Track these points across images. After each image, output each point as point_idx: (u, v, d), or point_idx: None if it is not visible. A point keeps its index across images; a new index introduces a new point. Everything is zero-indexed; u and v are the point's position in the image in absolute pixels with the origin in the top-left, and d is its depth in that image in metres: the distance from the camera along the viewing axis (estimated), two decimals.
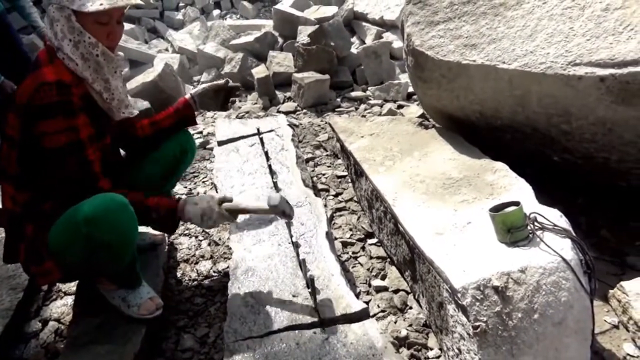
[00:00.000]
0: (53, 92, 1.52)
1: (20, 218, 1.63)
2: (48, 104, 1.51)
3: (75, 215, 1.53)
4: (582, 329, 1.47)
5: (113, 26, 1.65)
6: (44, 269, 1.64)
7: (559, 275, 1.46)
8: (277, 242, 2.11)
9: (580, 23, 1.93)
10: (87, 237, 1.54)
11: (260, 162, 2.79)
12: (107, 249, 1.60)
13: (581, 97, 1.89)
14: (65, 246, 1.60)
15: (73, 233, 1.55)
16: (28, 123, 1.54)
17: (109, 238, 1.57)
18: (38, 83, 1.52)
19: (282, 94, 4.31)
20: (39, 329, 2.03)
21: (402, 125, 2.80)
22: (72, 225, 1.54)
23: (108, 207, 1.54)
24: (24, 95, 1.53)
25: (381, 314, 1.95)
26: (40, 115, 1.52)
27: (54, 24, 1.58)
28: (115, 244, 1.60)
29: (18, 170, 1.62)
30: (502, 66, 2.06)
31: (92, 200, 1.54)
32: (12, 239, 1.67)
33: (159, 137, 2.05)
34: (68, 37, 1.58)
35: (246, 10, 6.63)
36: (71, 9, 1.55)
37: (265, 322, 1.71)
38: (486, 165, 2.13)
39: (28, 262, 1.65)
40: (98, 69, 1.65)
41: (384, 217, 2.18)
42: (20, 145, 1.59)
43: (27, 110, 1.53)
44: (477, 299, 1.44)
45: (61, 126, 1.54)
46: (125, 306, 1.81)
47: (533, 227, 1.60)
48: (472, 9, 2.30)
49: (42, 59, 1.60)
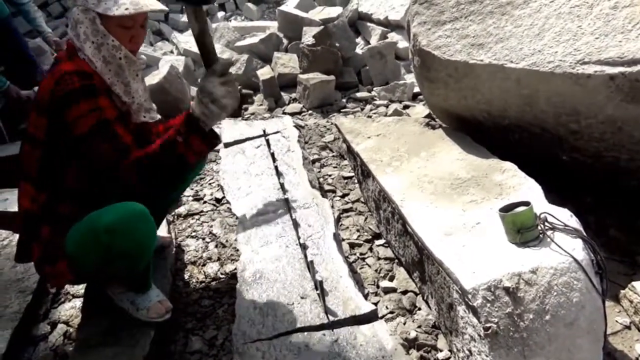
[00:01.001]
0: (74, 79, 1.52)
1: (37, 218, 1.64)
2: (70, 91, 1.51)
3: (95, 223, 1.53)
4: (595, 330, 1.46)
5: (136, 30, 1.65)
6: (57, 271, 1.64)
7: (571, 276, 1.44)
8: (285, 244, 2.11)
9: (588, 21, 1.92)
10: (106, 246, 1.54)
11: (267, 163, 2.79)
12: (125, 257, 1.61)
13: (590, 95, 1.87)
14: (83, 252, 1.60)
15: (92, 240, 1.55)
16: (55, 116, 1.54)
17: (128, 247, 1.58)
18: (58, 76, 1.53)
19: (288, 95, 4.31)
20: (48, 332, 2.03)
21: (408, 125, 2.79)
22: (92, 233, 1.54)
23: (129, 216, 1.54)
24: (46, 91, 1.54)
25: (390, 315, 1.94)
26: (65, 103, 1.51)
27: (77, 26, 1.59)
28: (134, 253, 1.62)
29: (39, 170, 1.62)
30: (509, 65, 2.05)
31: (113, 209, 1.54)
32: (26, 239, 1.67)
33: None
34: (91, 40, 1.59)
35: (251, 11, 6.63)
36: (96, 11, 1.56)
37: (274, 324, 1.71)
38: (494, 165, 2.12)
39: (42, 262, 1.65)
40: (119, 72, 1.65)
41: (391, 218, 2.17)
42: (45, 143, 1.59)
43: (52, 104, 1.53)
44: (488, 300, 1.42)
45: (86, 108, 1.52)
46: (134, 309, 1.81)
47: (543, 227, 1.59)
48: (479, 8, 2.29)
49: (60, 57, 1.62)
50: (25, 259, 1.70)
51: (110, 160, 1.52)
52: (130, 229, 1.55)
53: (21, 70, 3.70)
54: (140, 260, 1.69)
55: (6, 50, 3.68)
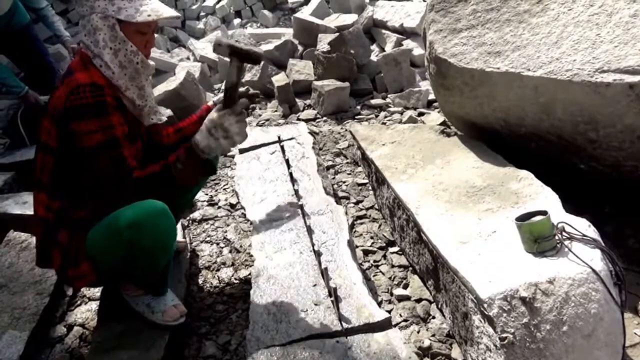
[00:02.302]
0: (87, 94, 1.55)
1: (54, 225, 1.66)
2: (83, 105, 1.55)
3: (116, 220, 1.57)
4: (613, 342, 1.44)
5: (151, 35, 1.71)
6: (80, 272, 1.66)
7: (589, 287, 1.43)
8: (299, 250, 2.11)
9: (607, 29, 1.90)
10: (128, 243, 1.58)
11: (282, 169, 2.80)
12: (146, 254, 1.64)
13: (609, 104, 1.85)
14: (105, 251, 1.63)
15: (114, 238, 1.58)
16: (65, 126, 1.57)
17: (150, 243, 1.61)
18: (73, 87, 1.55)
19: (302, 102, 4.33)
20: (64, 334, 2.05)
21: (423, 132, 2.78)
22: (114, 231, 1.57)
23: (150, 212, 1.58)
24: (60, 101, 1.57)
25: (403, 323, 1.93)
26: (76, 116, 1.55)
27: (96, 33, 1.61)
28: (155, 250, 1.65)
29: (53, 177, 1.64)
30: (527, 73, 2.04)
31: (134, 206, 1.58)
32: (45, 246, 1.69)
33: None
34: (109, 46, 1.62)
35: (266, 19, 6.68)
36: (117, 18, 1.60)
37: (288, 330, 1.71)
38: (510, 174, 2.10)
39: (64, 266, 1.67)
40: (135, 77, 1.69)
41: (406, 226, 2.16)
42: (57, 151, 1.62)
43: (64, 114, 1.56)
44: (504, 309, 1.41)
45: (96, 125, 1.56)
46: (150, 312, 1.82)
47: (561, 236, 1.57)
48: (496, 16, 2.28)
49: (74, 66, 1.64)
50: (47, 265, 1.73)
51: (112, 178, 1.59)
52: (152, 225, 1.58)
53: (41, 76, 3.77)
54: (160, 257, 1.71)
55: (27, 56, 3.75)
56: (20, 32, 3.62)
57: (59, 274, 1.72)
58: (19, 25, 3.60)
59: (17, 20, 3.58)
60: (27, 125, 3.51)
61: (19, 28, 3.61)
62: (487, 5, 2.33)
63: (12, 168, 3.17)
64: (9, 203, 2.65)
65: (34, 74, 3.84)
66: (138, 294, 1.85)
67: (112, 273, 1.73)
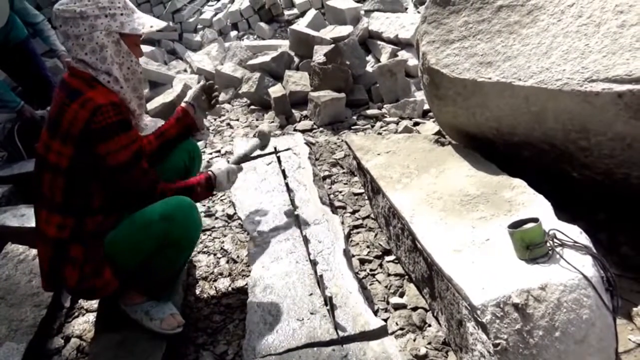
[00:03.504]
0: (110, 113, 1.61)
1: (67, 240, 1.68)
2: (109, 124, 1.61)
3: (149, 215, 1.69)
4: (605, 348, 1.45)
5: (140, 46, 1.80)
6: (105, 281, 1.71)
7: (580, 293, 1.44)
8: (295, 260, 2.13)
9: (596, 40, 1.94)
10: (161, 234, 1.69)
11: (278, 180, 2.82)
12: (174, 247, 1.75)
13: (599, 113, 1.88)
14: (133, 248, 1.70)
15: (146, 232, 1.68)
16: (88, 147, 1.61)
17: (180, 234, 1.73)
18: (92, 108, 1.58)
19: (299, 113, 4.36)
20: (62, 346, 2.06)
21: (418, 142, 2.81)
22: (147, 224, 1.68)
23: (181, 206, 1.73)
24: (79, 123, 1.59)
25: (400, 331, 1.94)
26: (103, 137, 1.60)
27: (102, 50, 1.65)
28: (183, 242, 1.78)
29: (65, 196, 1.66)
30: (518, 83, 2.07)
31: (165, 201, 1.73)
32: (55, 267, 1.71)
33: (164, 149, 2.16)
34: (116, 61, 1.68)
35: (263, 31, 6.74)
36: (120, 33, 1.67)
37: (284, 339, 1.72)
38: (504, 182, 2.13)
39: (85, 279, 1.69)
40: (137, 87, 1.77)
41: (401, 234, 2.18)
42: (69, 171, 1.64)
43: (87, 136, 1.59)
44: (497, 316, 1.43)
45: (124, 142, 1.65)
46: (148, 319, 1.84)
47: (552, 243, 1.59)
48: (487, 27, 2.32)
49: (78, 86, 1.65)
50: (57, 286, 1.76)
51: (142, 189, 1.74)
52: (183, 217, 1.73)
53: (39, 90, 3.80)
54: (185, 251, 1.84)
55: (25, 71, 3.78)
56: (18, 46, 3.66)
57: (76, 289, 1.73)
58: (17, 39, 3.64)
59: (15, 35, 3.61)
60: (23, 139, 3.54)
61: (17, 42, 3.64)
62: (479, 16, 2.37)
63: (9, 181, 3.19)
64: (7, 216, 2.66)
65: (32, 88, 3.87)
66: (138, 302, 1.86)
67: (131, 276, 1.78)
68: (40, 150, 1.69)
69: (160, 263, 1.78)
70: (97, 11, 1.63)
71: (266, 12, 7.05)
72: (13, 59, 3.68)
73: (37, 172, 1.71)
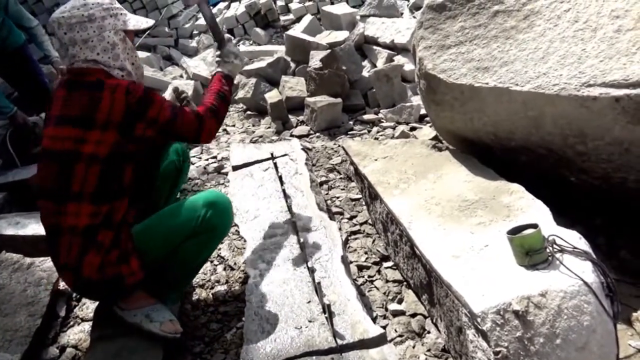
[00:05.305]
0: (137, 87, 1.73)
1: (97, 226, 1.71)
2: (142, 95, 1.72)
3: (195, 201, 1.88)
4: (606, 354, 1.44)
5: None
6: (132, 269, 1.75)
7: (581, 299, 1.43)
8: (293, 267, 2.11)
9: (592, 45, 1.94)
10: (202, 217, 1.83)
11: (275, 186, 2.81)
12: (210, 232, 1.88)
13: (596, 117, 1.88)
14: (167, 233, 1.82)
15: (190, 214, 1.84)
16: (132, 126, 1.71)
17: (217, 221, 1.87)
18: (124, 90, 1.69)
19: (295, 118, 4.35)
20: (57, 356, 2.03)
21: (415, 147, 2.81)
22: (192, 207, 1.85)
23: (221, 197, 1.95)
24: (118, 106, 1.67)
25: (399, 338, 1.93)
26: (146, 104, 1.73)
27: (114, 48, 1.76)
28: (219, 228, 1.92)
29: (99, 185, 1.70)
30: (515, 88, 2.07)
31: (208, 192, 1.97)
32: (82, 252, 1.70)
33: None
34: (126, 57, 1.80)
35: (259, 36, 6.74)
36: (125, 30, 1.79)
37: (282, 348, 1.70)
38: (502, 187, 2.12)
39: (110, 265, 1.71)
40: (140, 79, 1.89)
41: (399, 240, 2.17)
42: (109, 156, 1.69)
43: (131, 112, 1.69)
44: (497, 323, 1.42)
45: (160, 100, 1.79)
46: (148, 321, 1.82)
47: (552, 249, 1.58)
48: (484, 32, 2.32)
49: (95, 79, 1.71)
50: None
51: (194, 123, 1.89)
52: (225, 206, 1.92)
53: (35, 96, 3.78)
54: (215, 240, 1.97)
55: (21, 76, 3.77)
56: (15, 52, 3.65)
57: (95, 279, 1.72)
58: (14, 45, 3.63)
59: (12, 41, 3.61)
60: (16, 145, 3.50)
61: (14, 48, 3.64)
62: (475, 22, 2.37)
63: (4, 188, 3.15)
64: (1, 224, 2.64)
65: (28, 94, 3.85)
66: (143, 304, 1.85)
67: (155, 266, 1.86)
68: (67, 146, 1.68)
69: (187, 252, 1.87)
70: (103, 12, 1.74)
71: (262, 18, 7.05)
72: (10, 64, 3.67)
73: (61, 170, 1.69)
